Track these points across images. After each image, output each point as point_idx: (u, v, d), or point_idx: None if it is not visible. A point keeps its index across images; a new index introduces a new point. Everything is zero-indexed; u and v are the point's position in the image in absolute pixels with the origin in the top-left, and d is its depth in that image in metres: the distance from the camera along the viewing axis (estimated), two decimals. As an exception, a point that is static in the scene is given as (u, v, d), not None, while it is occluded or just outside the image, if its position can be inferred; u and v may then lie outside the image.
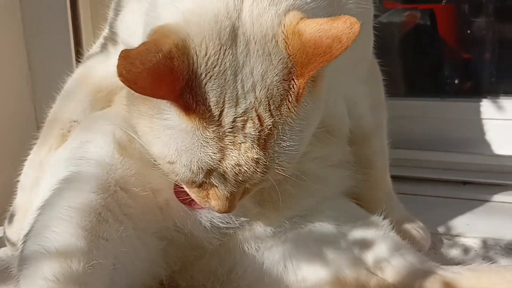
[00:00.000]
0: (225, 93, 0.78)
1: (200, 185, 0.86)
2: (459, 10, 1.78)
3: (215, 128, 0.78)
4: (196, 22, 0.77)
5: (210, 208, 0.89)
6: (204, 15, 0.77)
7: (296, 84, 0.79)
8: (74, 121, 1.12)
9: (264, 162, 0.81)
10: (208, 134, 0.78)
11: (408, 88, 1.61)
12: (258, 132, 0.79)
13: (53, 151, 1.13)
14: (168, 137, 0.81)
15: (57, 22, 1.51)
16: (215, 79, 0.77)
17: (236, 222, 1.01)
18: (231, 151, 0.80)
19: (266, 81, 0.78)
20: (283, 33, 0.78)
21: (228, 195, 0.85)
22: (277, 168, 0.83)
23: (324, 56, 0.76)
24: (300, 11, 0.80)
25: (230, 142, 0.79)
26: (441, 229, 1.22)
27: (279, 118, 0.80)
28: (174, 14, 0.80)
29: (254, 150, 0.80)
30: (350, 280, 0.98)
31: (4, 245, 1.26)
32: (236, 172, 0.81)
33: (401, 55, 1.65)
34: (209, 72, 0.77)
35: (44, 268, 0.78)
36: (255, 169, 0.81)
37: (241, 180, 0.82)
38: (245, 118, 0.79)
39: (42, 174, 1.11)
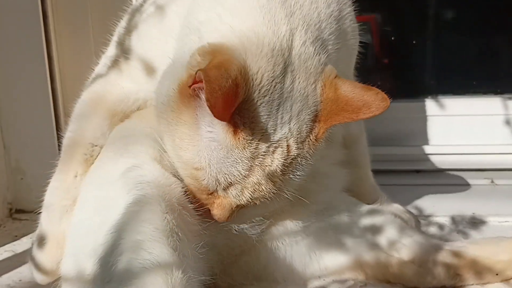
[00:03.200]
0: (269, 120, 0.90)
1: (211, 193, 0.96)
2: (377, 21, 2.03)
3: (253, 149, 0.90)
4: (254, 51, 0.88)
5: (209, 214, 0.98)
6: (261, 46, 0.89)
7: (318, 127, 0.93)
8: (95, 146, 1.15)
9: (280, 185, 0.95)
10: (245, 154, 0.90)
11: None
12: (284, 159, 0.92)
13: (79, 177, 1.13)
14: (205, 146, 0.91)
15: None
16: (264, 106, 0.89)
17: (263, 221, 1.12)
18: (257, 171, 0.92)
19: (300, 118, 0.92)
20: (322, 82, 0.92)
21: (234, 207, 0.96)
22: (285, 192, 0.96)
23: (351, 114, 0.91)
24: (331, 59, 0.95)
25: (259, 163, 0.91)
26: (414, 212, 1.43)
27: (301, 151, 0.94)
28: (226, 35, 0.90)
29: (276, 174, 0.93)
30: (371, 263, 1.14)
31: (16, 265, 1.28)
32: (255, 189, 0.93)
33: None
34: (260, 99, 0.89)
35: (155, 279, 0.82)
36: (270, 190, 0.94)
37: (254, 197, 0.94)
38: (277, 145, 0.91)
39: (70, 201, 1.13)
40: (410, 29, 1.92)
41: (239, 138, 0.88)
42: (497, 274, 1.11)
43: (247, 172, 0.91)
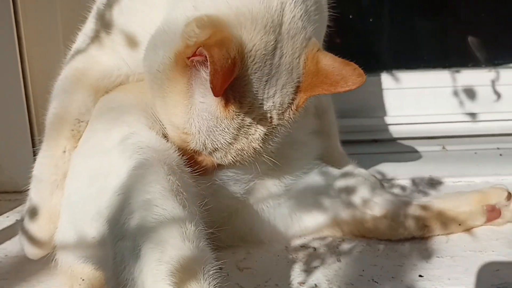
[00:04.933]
0: (257, 95, 0.96)
1: (196, 152, 1.03)
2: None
3: (240, 120, 0.97)
4: (249, 28, 0.92)
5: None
6: (255, 22, 0.93)
7: (298, 98, 1.00)
8: (82, 121, 1.16)
9: (260, 151, 1.02)
10: (232, 124, 0.96)
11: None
12: (266, 129, 1.00)
13: (67, 152, 1.14)
14: (196, 115, 0.96)
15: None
16: (254, 82, 0.95)
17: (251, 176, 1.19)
18: (241, 139, 0.99)
19: (283, 91, 0.98)
20: (306, 55, 0.98)
21: (215, 165, 1.04)
22: (264, 155, 1.04)
23: (330, 87, 0.97)
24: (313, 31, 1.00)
25: (244, 132, 0.98)
26: (377, 176, 1.54)
27: (281, 121, 1.01)
28: (223, 8, 0.93)
29: (257, 142, 1.01)
30: (347, 220, 1.24)
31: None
32: (237, 154, 1.01)
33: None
34: (251, 76, 0.94)
35: (171, 232, 0.86)
36: (251, 155, 1.02)
37: (236, 160, 1.02)
38: (261, 117, 0.98)
39: (60, 176, 1.14)
40: (367, 9, 2.04)
41: (229, 111, 0.94)
42: (459, 224, 1.23)
43: (233, 140, 0.98)
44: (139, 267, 0.86)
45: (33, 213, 1.15)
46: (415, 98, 1.84)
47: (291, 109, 1.01)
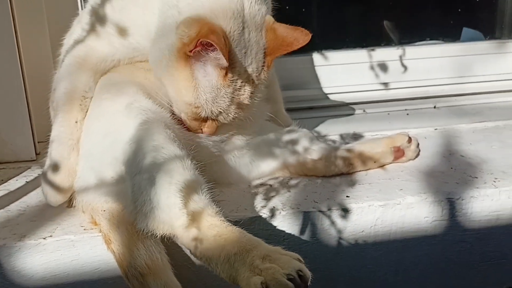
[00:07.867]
0: (241, 65, 1.30)
1: (204, 120, 1.37)
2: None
3: (233, 86, 1.31)
4: (223, 18, 1.25)
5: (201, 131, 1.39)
6: (226, 13, 1.26)
7: (267, 60, 1.34)
8: (86, 98, 1.45)
9: (248, 108, 1.36)
10: (229, 90, 1.31)
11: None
12: (250, 89, 1.34)
13: (79, 122, 1.42)
14: (202, 91, 1.29)
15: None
16: (237, 55, 1.29)
17: (224, 137, 1.51)
18: (236, 100, 1.32)
19: (257, 58, 1.33)
20: (265, 28, 1.33)
21: (219, 125, 1.38)
22: (251, 111, 1.39)
23: (287, 47, 1.33)
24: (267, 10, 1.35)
25: (237, 94, 1.32)
26: (314, 134, 1.92)
27: (259, 81, 1.36)
28: (200, 9, 1.25)
29: (247, 99, 1.35)
30: (293, 163, 1.58)
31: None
32: (235, 113, 1.35)
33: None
34: (235, 50, 1.27)
35: (176, 164, 1.19)
36: (243, 112, 1.36)
37: (235, 118, 1.36)
38: (247, 80, 1.32)
39: (75, 141, 1.40)
40: (300, 0, 2.39)
41: (226, 80, 1.27)
42: (375, 162, 1.61)
43: (230, 102, 1.32)
44: (154, 190, 1.18)
45: (55, 167, 1.40)
46: (341, 73, 2.18)
47: (264, 70, 1.35)
